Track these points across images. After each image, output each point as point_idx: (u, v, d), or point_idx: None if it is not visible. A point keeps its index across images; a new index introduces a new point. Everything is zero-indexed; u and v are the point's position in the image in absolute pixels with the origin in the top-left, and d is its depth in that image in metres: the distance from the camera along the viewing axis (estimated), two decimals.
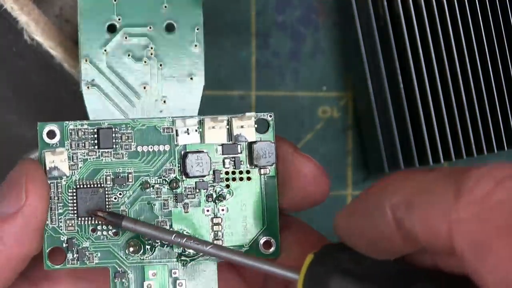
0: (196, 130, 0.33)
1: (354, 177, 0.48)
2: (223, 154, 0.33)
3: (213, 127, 0.33)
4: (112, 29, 0.33)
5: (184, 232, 0.33)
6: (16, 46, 0.38)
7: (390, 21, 0.45)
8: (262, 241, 0.33)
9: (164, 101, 0.34)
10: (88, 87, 0.33)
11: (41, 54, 0.38)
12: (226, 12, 0.47)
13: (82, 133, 0.32)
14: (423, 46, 0.45)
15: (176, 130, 0.33)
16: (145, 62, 0.34)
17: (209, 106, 0.47)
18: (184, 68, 0.34)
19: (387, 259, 0.27)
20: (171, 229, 0.32)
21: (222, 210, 0.33)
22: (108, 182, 0.32)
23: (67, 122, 0.32)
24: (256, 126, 0.33)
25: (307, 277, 0.29)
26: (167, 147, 0.33)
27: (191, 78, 0.34)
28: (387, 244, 0.26)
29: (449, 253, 0.24)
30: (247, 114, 0.33)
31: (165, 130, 0.33)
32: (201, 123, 0.33)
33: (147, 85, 0.34)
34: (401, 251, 0.26)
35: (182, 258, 0.33)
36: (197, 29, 0.34)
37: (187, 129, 0.33)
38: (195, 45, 0.34)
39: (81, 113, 0.38)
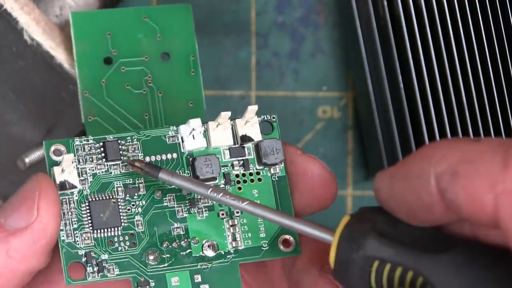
0: (201, 132, 0.32)
1: (354, 177, 0.48)
2: (231, 157, 0.33)
3: (217, 126, 0.32)
4: (108, 61, 0.33)
5: (202, 236, 0.33)
6: (16, 46, 0.38)
7: (390, 21, 0.45)
8: (280, 239, 0.33)
9: None
10: (90, 119, 0.33)
11: (41, 54, 0.38)
12: (226, 12, 0.47)
13: (89, 148, 0.32)
14: (423, 46, 0.45)
15: (182, 137, 0.32)
16: (144, 91, 0.33)
17: (209, 106, 0.47)
18: (183, 95, 0.34)
19: (424, 226, 0.27)
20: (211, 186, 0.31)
21: (237, 212, 0.33)
22: (120, 194, 0.32)
23: (72, 139, 0.32)
24: (260, 121, 0.33)
25: (343, 237, 0.28)
26: (174, 155, 0.32)
27: (191, 104, 0.34)
28: (427, 212, 0.26)
29: (492, 225, 0.24)
30: (250, 107, 0.32)
31: (171, 139, 0.33)
32: (205, 129, 0.32)
33: (148, 113, 0.33)
34: (440, 220, 0.26)
35: (202, 262, 0.33)
36: (192, 57, 0.34)
37: (193, 135, 0.32)
38: (192, 72, 0.34)
39: (81, 114, 0.38)
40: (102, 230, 0.32)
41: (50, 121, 0.38)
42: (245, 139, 0.33)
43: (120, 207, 0.32)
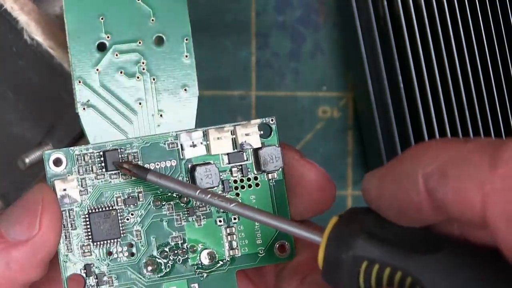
0: (201, 143, 0.33)
1: (354, 177, 0.48)
2: (229, 163, 0.33)
3: (218, 138, 0.33)
4: (102, 47, 0.33)
5: (200, 245, 0.33)
6: (16, 46, 0.38)
7: (390, 21, 0.45)
8: (276, 245, 0.33)
9: (161, 115, 0.33)
10: (84, 108, 0.33)
11: (41, 54, 0.38)
12: (226, 12, 0.47)
13: (88, 157, 0.32)
14: (423, 46, 0.45)
15: (181, 144, 0.33)
16: (138, 77, 0.33)
17: (209, 106, 0.48)
18: (177, 80, 0.34)
19: (413, 226, 0.27)
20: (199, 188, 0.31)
21: (235, 218, 0.33)
22: (120, 204, 0.32)
23: (72, 148, 0.32)
24: (261, 132, 0.33)
25: (332, 238, 0.28)
26: (173, 162, 0.33)
27: (185, 90, 0.34)
28: (415, 212, 0.26)
29: (481, 225, 0.24)
30: (252, 121, 0.33)
31: (170, 146, 0.33)
32: (205, 135, 0.33)
33: (142, 100, 0.33)
34: (429, 220, 0.26)
35: (199, 270, 0.33)
36: (186, 40, 0.34)
37: (193, 142, 0.33)
38: (186, 56, 0.34)
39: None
40: (102, 242, 0.32)
41: (50, 121, 0.38)
42: (245, 146, 0.33)
43: (119, 217, 0.32)
